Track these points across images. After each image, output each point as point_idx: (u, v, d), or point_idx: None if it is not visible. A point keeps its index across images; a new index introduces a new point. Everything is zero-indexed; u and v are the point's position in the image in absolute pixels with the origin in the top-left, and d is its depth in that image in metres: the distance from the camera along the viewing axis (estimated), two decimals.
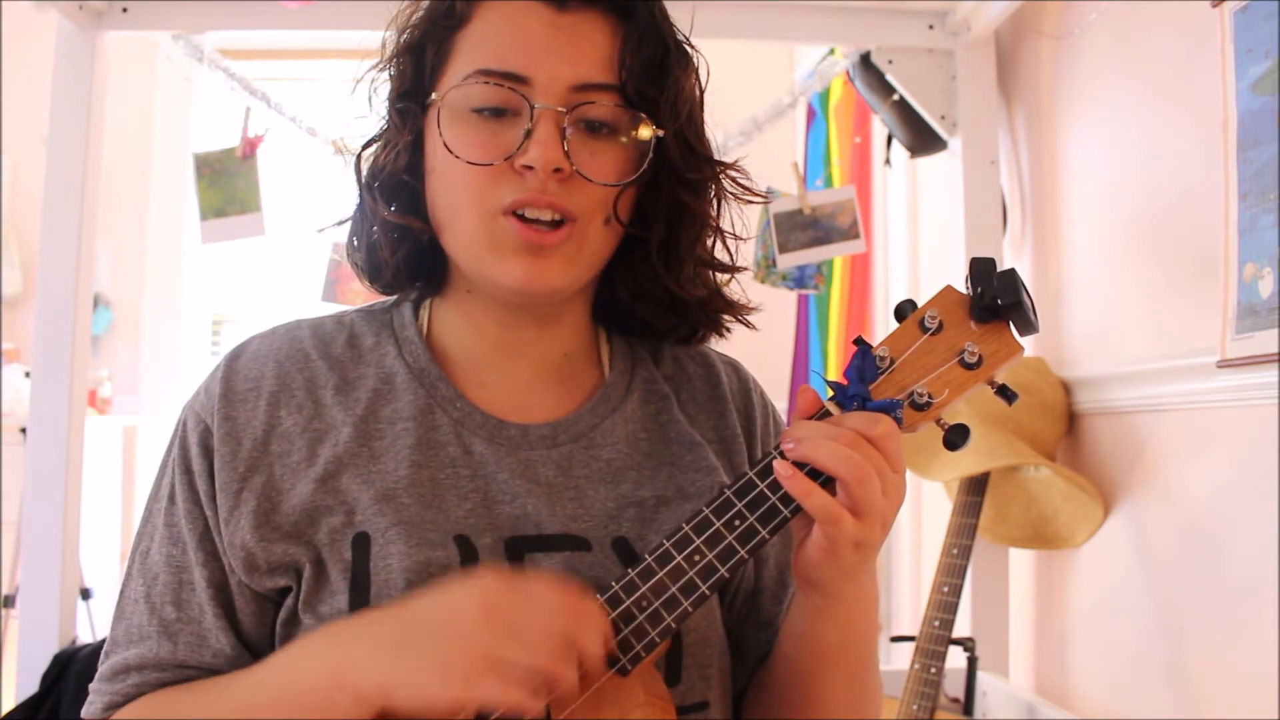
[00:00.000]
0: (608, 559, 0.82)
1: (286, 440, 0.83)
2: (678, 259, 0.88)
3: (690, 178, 0.86)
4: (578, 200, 0.80)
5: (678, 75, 0.84)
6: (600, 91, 0.81)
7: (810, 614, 0.81)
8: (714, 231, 0.90)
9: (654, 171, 0.84)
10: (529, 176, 0.79)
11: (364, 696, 0.70)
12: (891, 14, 2.10)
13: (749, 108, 2.17)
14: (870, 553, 0.76)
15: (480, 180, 0.80)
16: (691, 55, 0.87)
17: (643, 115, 0.82)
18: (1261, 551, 1.40)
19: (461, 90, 0.81)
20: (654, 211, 0.86)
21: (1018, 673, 2.07)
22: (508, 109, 0.81)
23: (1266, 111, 1.33)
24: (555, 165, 0.78)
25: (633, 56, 0.82)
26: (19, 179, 3.48)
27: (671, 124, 0.83)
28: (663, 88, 0.83)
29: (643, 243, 0.87)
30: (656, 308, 0.91)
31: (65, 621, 1.91)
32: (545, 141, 0.78)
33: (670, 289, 0.89)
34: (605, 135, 0.82)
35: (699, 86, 0.88)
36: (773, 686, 0.89)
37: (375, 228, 0.88)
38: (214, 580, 0.82)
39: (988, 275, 0.76)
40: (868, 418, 0.74)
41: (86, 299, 1.98)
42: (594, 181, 0.80)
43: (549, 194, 0.79)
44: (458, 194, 0.82)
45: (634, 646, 0.74)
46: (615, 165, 0.82)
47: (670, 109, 0.83)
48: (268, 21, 2.06)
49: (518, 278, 0.81)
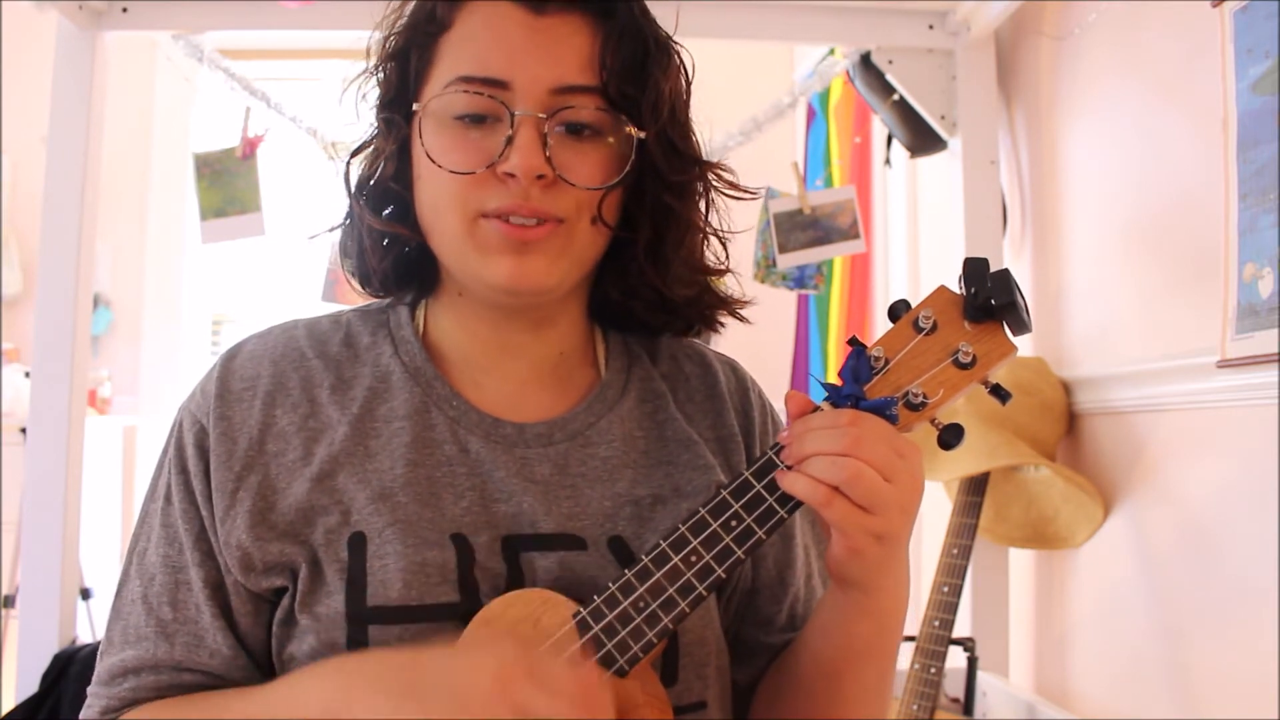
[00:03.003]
0: (604, 558, 0.82)
1: (282, 439, 0.83)
2: (664, 260, 0.88)
3: (674, 180, 0.85)
4: (562, 204, 0.80)
5: (658, 76, 0.83)
6: (581, 94, 0.80)
7: (845, 611, 0.81)
8: (702, 232, 0.90)
9: (638, 173, 0.84)
10: (511, 184, 0.79)
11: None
12: (891, 14, 2.10)
13: (749, 108, 2.17)
14: (894, 544, 0.76)
15: (463, 187, 0.80)
16: (675, 54, 0.86)
17: (624, 117, 0.82)
18: (1261, 551, 1.39)
19: (443, 99, 0.81)
20: (639, 213, 0.86)
21: (1018, 673, 2.06)
22: (488, 116, 0.80)
23: (1266, 111, 1.33)
24: (537, 172, 0.78)
25: (613, 57, 0.81)
26: (19, 179, 3.48)
27: (654, 125, 0.83)
28: (645, 87, 0.82)
29: (631, 244, 0.87)
30: (648, 306, 0.91)
31: (65, 621, 1.91)
32: (526, 148, 0.78)
33: (659, 289, 0.88)
34: (588, 138, 0.81)
35: (686, 84, 0.87)
36: (795, 684, 0.88)
37: (364, 235, 0.88)
38: (210, 580, 0.82)
39: (982, 275, 0.76)
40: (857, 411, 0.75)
41: (86, 299, 1.98)
42: (577, 185, 0.80)
43: (532, 200, 0.79)
44: (442, 201, 0.82)
45: (631, 647, 0.74)
46: (598, 168, 0.81)
47: (652, 110, 0.82)
48: (268, 21, 2.05)
49: (504, 276, 0.80)
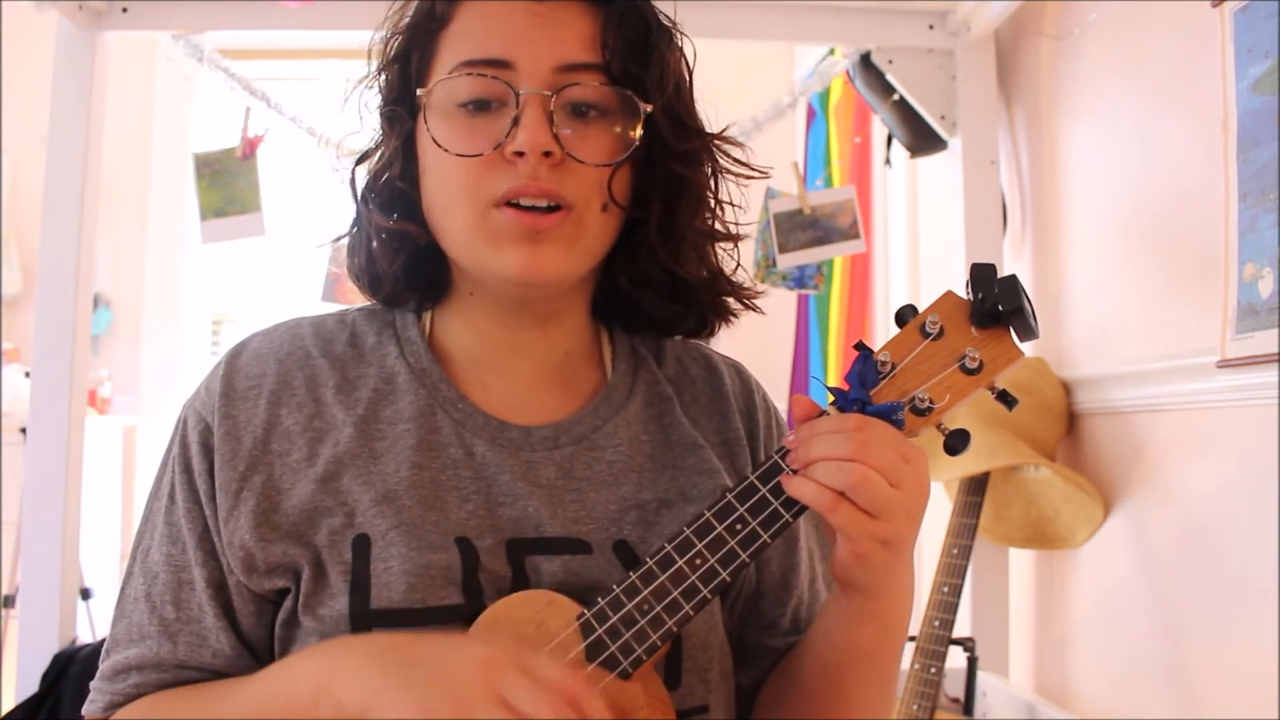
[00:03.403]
0: (609, 562, 0.82)
1: (287, 439, 0.83)
2: (676, 236, 0.87)
3: (682, 149, 0.85)
4: (571, 185, 0.80)
5: (662, 50, 0.83)
6: (585, 71, 0.80)
7: (850, 615, 0.80)
8: (711, 205, 0.89)
9: (646, 149, 0.83)
10: (520, 164, 0.79)
11: (344, 708, 0.69)
12: (891, 14, 2.10)
13: (749, 108, 2.17)
14: (900, 549, 0.75)
15: (472, 173, 0.80)
16: (674, 32, 0.86)
17: (629, 93, 0.81)
18: (1261, 551, 1.40)
19: (447, 85, 0.81)
20: (649, 190, 0.85)
21: (1018, 673, 2.07)
22: (493, 100, 0.80)
23: (1266, 111, 1.33)
24: (545, 148, 0.78)
25: (615, 36, 0.81)
26: (19, 179, 3.48)
27: (659, 98, 0.82)
28: (648, 64, 0.82)
29: (642, 227, 0.86)
30: (659, 296, 0.90)
31: (65, 621, 1.91)
32: (533, 126, 0.78)
33: (671, 270, 0.88)
34: (594, 117, 0.81)
35: (686, 65, 0.88)
36: (799, 688, 0.87)
37: (373, 239, 0.87)
38: (213, 580, 0.82)
39: (989, 281, 0.76)
40: (863, 416, 0.75)
41: (86, 299, 1.98)
42: (586, 163, 0.80)
43: (541, 180, 0.79)
44: (451, 190, 0.82)
45: (635, 650, 0.74)
46: (606, 145, 0.81)
47: (657, 84, 0.82)
48: (268, 21, 2.05)
49: (517, 267, 0.80)
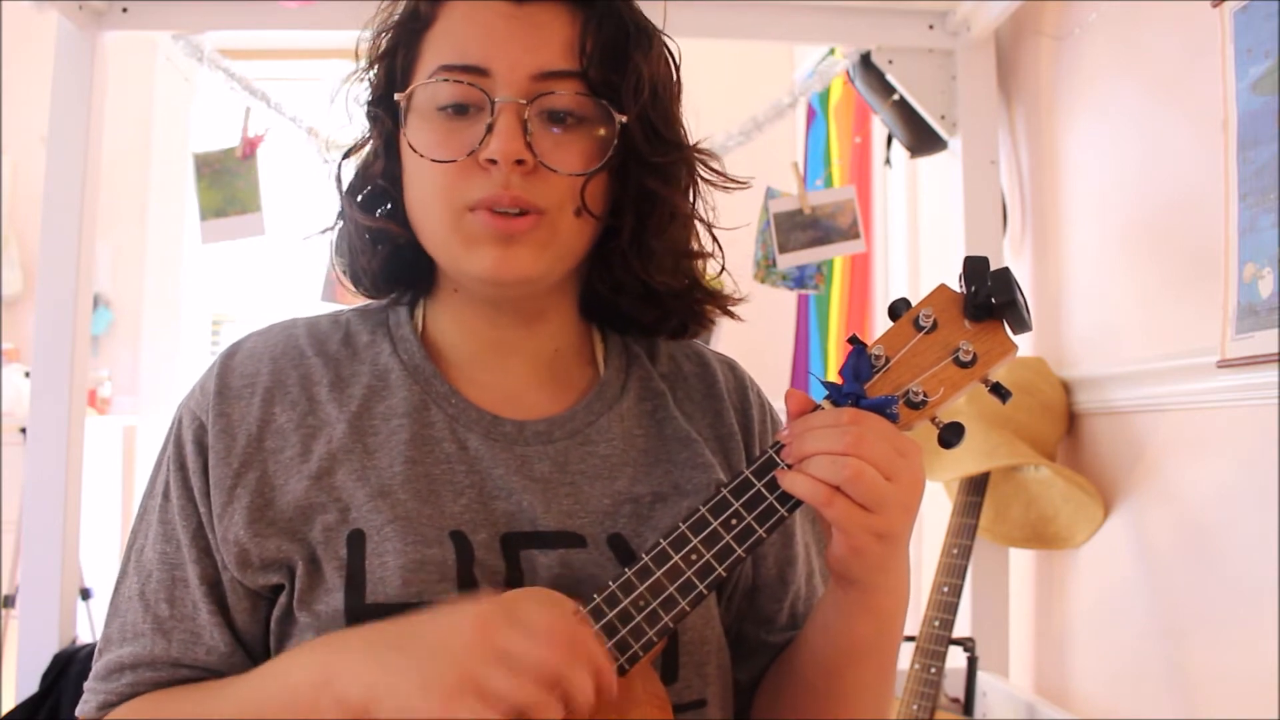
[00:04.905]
0: (603, 556, 0.82)
1: (281, 436, 0.83)
2: (648, 249, 0.86)
3: (655, 162, 0.84)
4: (544, 192, 0.80)
5: (638, 59, 0.83)
6: (561, 79, 0.80)
7: (846, 609, 0.80)
8: (687, 220, 0.89)
9: (621, 159, 0.83)
10: (493, 171, 0.79)
11: (347, 702, 0.70)
12: (891, 14, 2.10)
13: (749, 108, 2.17)
14: (895, 543, 0.76)
15: (447, 178, 0.80)
16: (659, 41, 0.86)
17: (605, 102, 0.81)
18: (1261, 551, 1.39)
19: (426, 90, 0.82)
20: (623, 200, 0.85)
21: (1018, 673, 2.06)
22: (470, 105, 0.81)
23: (1266, 111, 1.33)
24: (517, 157, 0.78)
25: (593, 42, 0.81)
26: (19, 179, 3.48)
27: (634, 107, 0.82)
28: (624, 71, 0.82)
29: (616, 234, 0.86)
30: (636, 301, 0.90)
31: (65, 621, 1.91)
32: (506, 134, 0.78)
33: (644, 280, 0.87)
34: (569, 125, 0.81)
35: (673, 67, 0.87)
36: (797, 683, 0.88)
37: (354, 234, 0.88)
38: (207, 577, 0.82)
39: (982, 274, 0.76)
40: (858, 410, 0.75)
41: (86, 299, 1.98)
42: (559, 172, 0.80)
43: (513, 189, 0.79)
44: (428, 193, 0.82)
45: (631, 646, 0.74)
46: (580, 155, 0.81)
47: (633, 92, 0.82)
48: (268, 21, 2.06)
49: (488, 267, 0.80)
